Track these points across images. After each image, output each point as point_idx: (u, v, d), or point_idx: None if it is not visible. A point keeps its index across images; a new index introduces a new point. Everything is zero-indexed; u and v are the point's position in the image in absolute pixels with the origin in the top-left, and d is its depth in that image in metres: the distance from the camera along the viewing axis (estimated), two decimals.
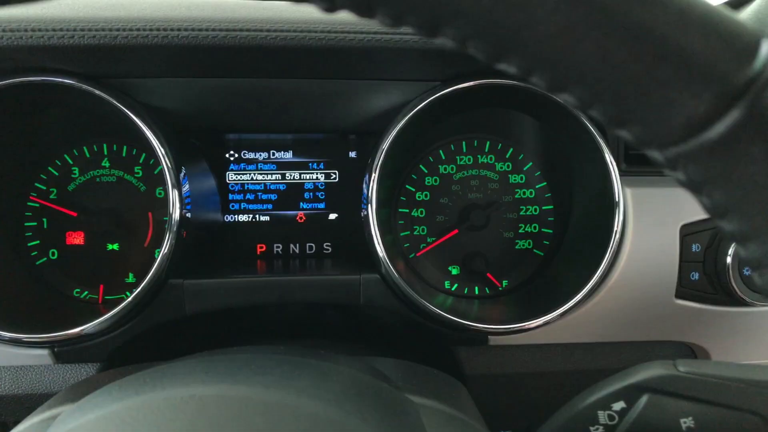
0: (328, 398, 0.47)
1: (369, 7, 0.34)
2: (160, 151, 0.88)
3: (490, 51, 0.33)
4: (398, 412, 0.53)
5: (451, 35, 0.33)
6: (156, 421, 0.40)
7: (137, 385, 0.50)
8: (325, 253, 1.13)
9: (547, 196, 1.10)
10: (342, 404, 0.47)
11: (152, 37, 0.77)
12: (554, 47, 0.31)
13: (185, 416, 0.41)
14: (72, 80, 0.84)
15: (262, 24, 0.78)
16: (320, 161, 1.12)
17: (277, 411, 0.43)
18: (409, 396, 0.59)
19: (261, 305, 0.95)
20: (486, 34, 0.32)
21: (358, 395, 0.51)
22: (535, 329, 0.91)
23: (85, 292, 1.06)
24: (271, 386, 0.46)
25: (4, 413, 0.91)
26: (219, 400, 0.43)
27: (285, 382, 0.48)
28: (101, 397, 0.51)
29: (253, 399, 0.43)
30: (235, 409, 0.42)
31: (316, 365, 0.54)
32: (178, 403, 0.42)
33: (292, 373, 0.51)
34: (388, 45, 0.79)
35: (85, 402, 0.54)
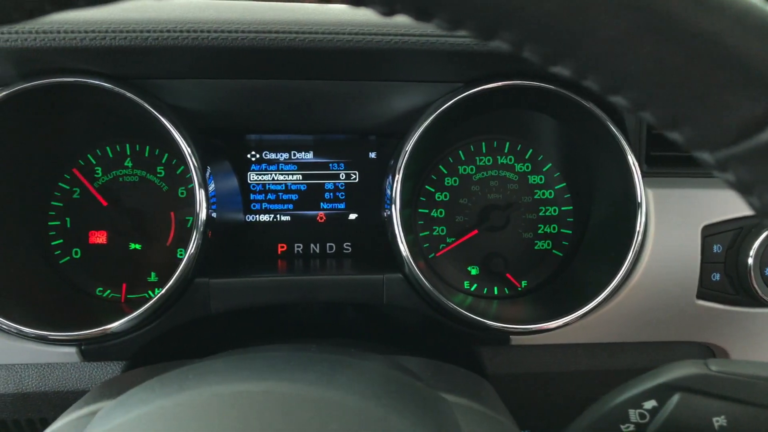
0: (369, 395, 0.48)
1: (427, 11, 0.34)
2: (187, 151, 0.89)
3: (547, 54, 0.34)
4: (435, 410, 0.54)
5: (508, 39, 0.34)
6: (207, 416, 0.41)
7: (180, 381, 0.51)
8: (345, 253, 1.13)
9: (566, 197, 1.11)
10: (383, 401, 0.48)
11: (182, 39, 0.77)
12: (612, 51, 0.32)
13: (236, 412, 0.41)
14: (101, 81, 0.85)
15: (290, 26, 0.79)
16: (341, 162, 1.12)
17: (323, 407, 0.44)
18: (442, 394, 0.60)
19: (280, 305, 0.96)
20: (544, 38, 0.33)
21: (396, 393, 0.52)
22: (556, 329, 0.92)
23: (107, 291, 1.07)
24: (314, 383, 0.47)
25: (30, 410, 0.93)
26: (267, 396, 0.43)
27: (326, 379, 0.49)
28: (144, 393, 0.52)
29: (299, 395, 0.44)
30: (283, 404, 0.43)
31: (354, 363, 0.55)
32: (227, 398, 0.43)
33: (332, 371, 0.52)
34: (414, 46, 0.80)
35: (126, 398, 0.55)
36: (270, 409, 0.42)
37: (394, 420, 0.46)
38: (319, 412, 0.43)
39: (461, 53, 0.82)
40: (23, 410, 0.92)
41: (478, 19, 0.33)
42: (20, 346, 0.88)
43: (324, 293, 0.93)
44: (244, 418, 0.41)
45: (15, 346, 0.88)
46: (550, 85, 0.89)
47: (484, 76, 0.92)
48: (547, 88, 0.89)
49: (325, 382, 0.48)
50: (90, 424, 0.55)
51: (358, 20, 0.81)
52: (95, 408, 0.60)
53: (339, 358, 0.56)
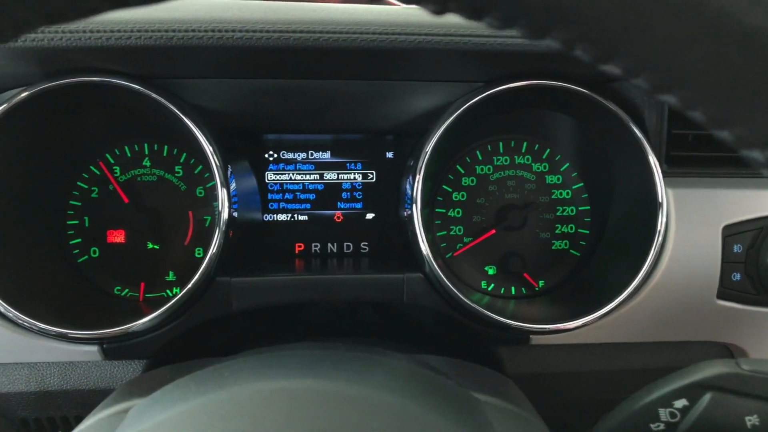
0: (407, 393, 0.48)
1: (480, 10, 0.34)
2: (209, 150, 0.89)
3: (600, 53, 0.34)
4: (469, 409, 0.54)
5: (560, 38, 0.34)
6: (252, 412, 0.41)
7: (216, 379, 0.51)
8: (362, 252, 1.14)
9: (583, 196, 1.11)
10: (421, 400, 0.48)
11: (207, 39, 0.78)
12: (667, 51, 0.32)
13: (280, 408, 0.42)
14: (125, 81, 0.85)
15: (315, 25, 0.79)
16: (358, 161, 1.13)
17: (364, 405, 0.44)
18: (473, 393, 0.60)
19: (296, 304, 0.96)
20: (598, 37, 0.33)
21: (432, 391, 0.52)
22: (576, 329, 0.92)
23: (125, 290, 1.07)
24: (353, 381, 0.47)
25: (52, 409, 0.93)
26: (309, 394, 0.44)
27: (363, 377, 0.49)
28: (179, 391, 0.52)
29: (340, 393, 0.44)
30: (325, 402, 0.43)
31: (387, 362, 0.55)
32: (269, 395, 0.43)
33: (368, 369, 0.52)
34: (438, 46, 0.80)
35: (161, 396, 0.55)
36: (313, 406, 0.42)
37: (433, 419, 0.46)
38: (361, 410, 0.43)
39: (484, 52, 0.82)
40: (45, 408, 0.92)
41: (532, 18, 0.33)
42: (42, 345, 0.88)
43: (345, 292, 0.93)
44: (289, 415, 0.41)
45: (37, 345, 0.88)
46: (572, 85, 0.89)
47: (504, 75, 0.92)
48: (570, 88, 0.89)
49: (363, 380, 0.49)
50: (123, 422, 0.56)
51: (382, 20, 0.81)
52: (126, 406, 0.61)
53: (372, 357, 0.56)
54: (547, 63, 0.88)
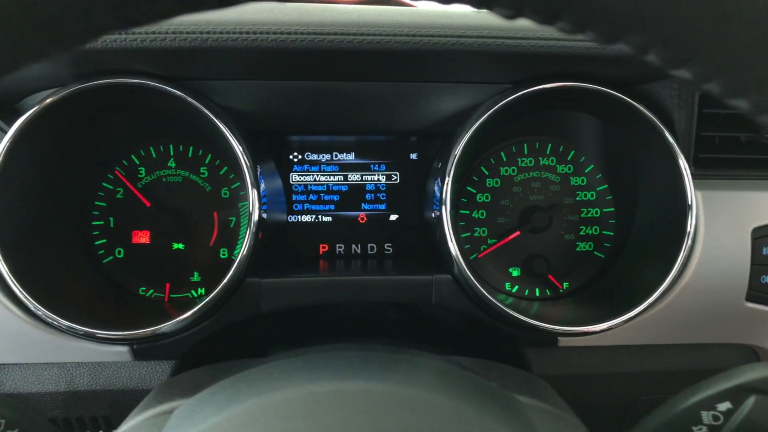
0: (457, 395, 0.48)
1: (554, 15, 0.34)
2: (238, 149, 0.89)
3: (674, 59, 0.34)
4: (514, 411, 0.54)
5: (633, 43, 0.34)
6: (309, 414, 0.42)
7: (266, 380, 0.51)
8: (386, 253, 1.14)
9: (608, 198, 1.11)
10: (472, 402, 0.48)
11: (242, 41, 0.78)
12: (742, 55, 0.32)
13: (338, 410, 0.42)
14: (157, 83, 0.85)
15: (348, 27, 0.79)
16: (382, 163, 1.13)
17: (419, 407, 0.44)
18: (515, 395, 0.60)
19: (321, 305, 0.97)
20: (673, 42, 0.33)
21: (479, 393, 0.52)
22: (606, 331, 0.92)
23: (150, 291, 1.08)
24: (404, 383, 0.47)
25: (81, 409, 0.93)
26: (365, 396, 0.44)
27: (413, 379, 0.49)
28: (228, 392, 0.52)
29: (394, 395, 0.44)
30: (382, 404, 0.43)
31: (433, 364, 0.55)
32: (325, 397, 0.43)
33: (415, 371, 0.52)
34: (472, 48, 0.80)
35: (207, 397, 0.55)
36: (370, 407, 0.42)
37: (486, 420, 0.46)
38: (418, 411, 0.43)
39: (516, 54, 0.82)
40: (74, 409, 0.92)
41: (606, 23, 0.34)
42: (72, 345, 0.88)
43: (374, 294, 0.93)
44: (348, 417, 0.41)
45: (67, 345, 0.88)
46: (602, 87, 0.89)
47: (532, 77, 0.92)
48: (600, 90, 0.89)
49: (413, 382, 0.49)
50: (168, 422, 0.56)
51: (415, 22, 0.81)
52: (168, 407, 0.61)
53: (416, 359, 0.56)
54: (576, 64, 0.88)
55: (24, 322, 0.86)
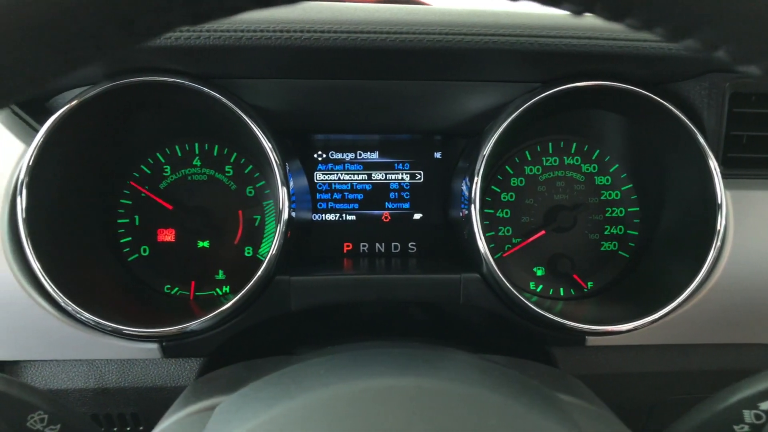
0: (508, 392, 0.48)
1: (624, 12, 0.34)
2: (268, 146, 0.89)
3: (746, 55, 0.34)
4: (560, 410, 0.54)
5: (704, 39, 0.34)
6: (366, 410, 0.42)
7: (313, 377, 0.51)
8: (409, 252, 1.14)
9: (632, 198, 1.10)
10: (521, 399, 0.48)
11: (276, 39, 0.78)
12: None
13: (395, 406, 0.42)
14: (188, 81, 0.86)
15: (381, 26, 0.79)
16: (405, 162, 1.13)
17: (475, 403, 0.44)
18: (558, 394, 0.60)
19: (345, 303, 0.97)
20: (748, 38, 0.33)
21: (527, 391, 0.52)
22: (634, 330, 0.91)
23: (175, 289, 1.08)
24: (456, 380, 0.47)
25: (110, 405, 0.94)
26: (420, 392, 0.44)
27: (463, 375, 0.49)
28: (274, 388, 0.53)
29: (449, 392, 0.44)
30: (439, 400, 0.43)
31: (476, 361, 0.55)
32: (381, 393, 0.43)
33: (464, 368, 0.52)
34: (504, 46, 0.80)
35: (252, 393, 0.55)
36: (426, 404, 0.42)
37: (538, 418, 0.46)
38: (473, 408, 0.43)
39: (547, 53, 0.82)
40: (103, 405, 0.93)
41: (677, 20, 0.33)
42: (102, 342, 0.89)
43: (402, 292, 0.93)
44: (407, 413, 0.41)
45: (97, 342, 0.89)
46: (632, 86, 0.89)
47: (560, 76, 0.92)
48: (630, 89, 0.89)
49: (463, 379, 0.49)
50: (212, 418, 0.56)
51: (446, 20, 0.81)
52: (209, 403, 0.61)
53: (461, 357, 0.56)
54: (606, 63, 0.88)
55: (56, 319, 0.86)
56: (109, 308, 0.91)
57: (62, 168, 0.92)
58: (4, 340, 0.88)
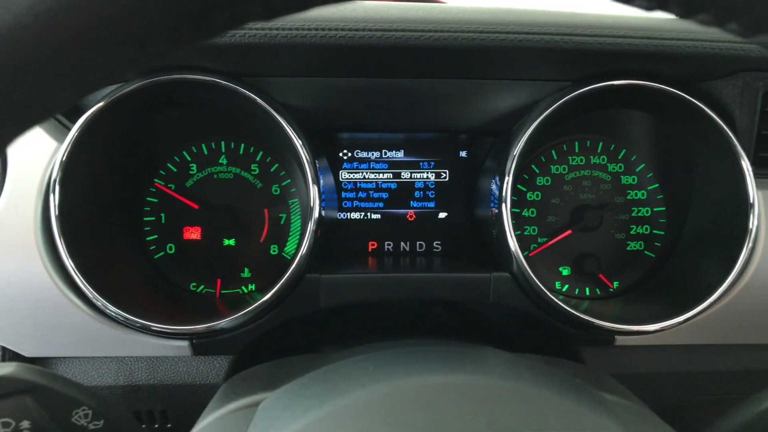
0: (561, 390, 0.48)
1: (697, 8, 0.34)
2: (298, 143, 0.89)
3: None
4: (605, 407, 0.54)
5: None
6: (428, 406, 0.42)
7: (363, 373, 0.51)
8: (434, 251, 1.14)
9: (658, 197, 1.10)
10: (572, 397, 0.48)
11: (311, 37, 0.78)
12: None
13: (456, 403, 0.42)
14: (221, 80, 0.86)
15: (415, 24, 0.79)
16: (431, 160, 1.13)
17: (532, 401, 0.44)
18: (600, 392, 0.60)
19: (370, 302, 0.97)
20: None
21: (576, 389, 0.52)
22: (664, 330, 0.91)
23: (201, 287, 1.08)
24: (511, 378, 0.47)
25: (139, 403, 0.94)
26: (477, 389, 0.44)
27: (516, 374, 0.49)
28: (321, 385, 0.53)
29: (507, 389, 0.44)
30: (498, 397, 0.43)
31: (524, 361, 0.55)
32: (438, 390, 0.43)
33: (512, 366, 0.52)
34: (538, 44, 0.80)
35: (298, 389, 0.55)
36: (488, 401, 0.42)
37: (591, 416, 0.46)
38: (532, 405, 0.43)
39: (582, 51, 0.82)
40: (132, 402, 0.93)
41: (753, 15, 0.33)
42: (133, 339, 0.89)
43: (431, 291, 0.93)
44: (469, 409, 0.41)
45: (127, 339, 0.89)
46: (664, 86, 0.89)
47: (591, 75, 0.92)
48: (663, 89, 0.88)
49: (517, 377, 0.49)
50: (258, 414, 0.56)
51: (480, 19, 0.81)
52: (252, 400, 0.61)
53: (506, 356, 0.56)
54: (638, 62, 0.88)
55: (88, 316, 0.86)
56: (138, 305, 0.91)
57: (92, 166, 0.92)
58: (37, 337, 0.88)
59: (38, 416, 0.57)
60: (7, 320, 0.86)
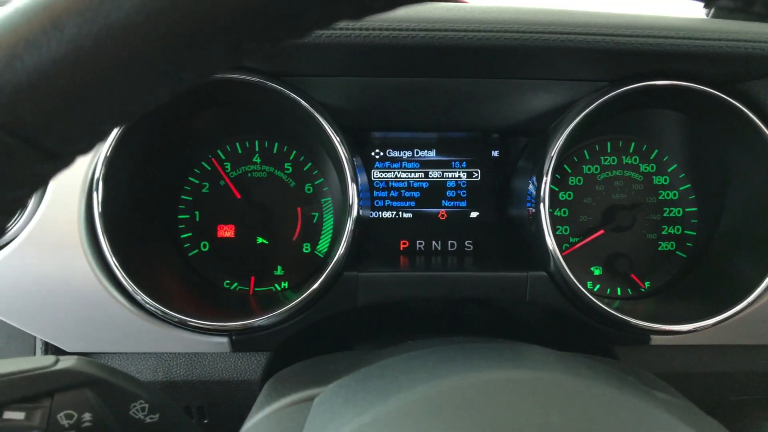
0: (626, 387, 0.48)
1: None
2: (337, 140, 0.90)
3: None
4: (662, 404, 0.54)
5: None
6: (500, 401, 0.42)
7: (423, 367, 0.52)
8: (466, 250, 1.14)
9: (690, 198, 1.10)
10: (636, 393, 0.49)
11: (354, 37, 0.79)
12: None
13: (529, 397, 0.42)
14: (264, 79, 0.87)
15: (458, 24, 0.80)
16: (463, 160, 1.13)
17: (600, 398, 0.44)
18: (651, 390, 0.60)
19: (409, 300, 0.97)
20: None
21: (635, 387, 0.52)
22: (700, 330, 0.91)
23: (235, 284, 1.09)
24: (575, 374, 0.48)
25: (177, 399, 0.95)
26: (544, 384, 0.44)
27: (576, 370, 0.50)
28: (380, 381, 0.53)
29: (573, 385, 0.45)
30: (565, 393, 0.44)
31: (582, 359, 0.56)
32: (505, 385, 0.44)
33: (571, 364, 0.52)
34: (582, 44, 0.80)
35: (353, 384, 0.56)
36: (556, 396, 0.43)
37: (659, 414, 0.46)
38: (600, 402, 0.43)
39: (625, 51, 0.82)
40: (171, 398, 0.93)
41: None
42: (173, 335, 0.90)
43: (468, 290, 0.93)
44: (538, 403, 0.42)
45: (167, 335, 0.90)
46: (705, 87, 0.89)
47: (628, 75, 0.92)
48: (702, 90, 0.89)
49: (577, 374, 0.49)
50: (314, 410, 0.57)
51: (522, 18, 0.82)
52: (305, 395, 0.61)
53: (562, 354, 0.57)
54: (678, 62, 0.88)
55: (130, 312, 0.87)
56: (175, 301, 0.92)
57: (132, 164, 0.93)
58: (80, 332, 0.89)
59: (98, 409, 0.58)
60: (51, 316, 0.88)
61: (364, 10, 0.36)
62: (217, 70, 0.35)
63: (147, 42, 0.31)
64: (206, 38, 0.32)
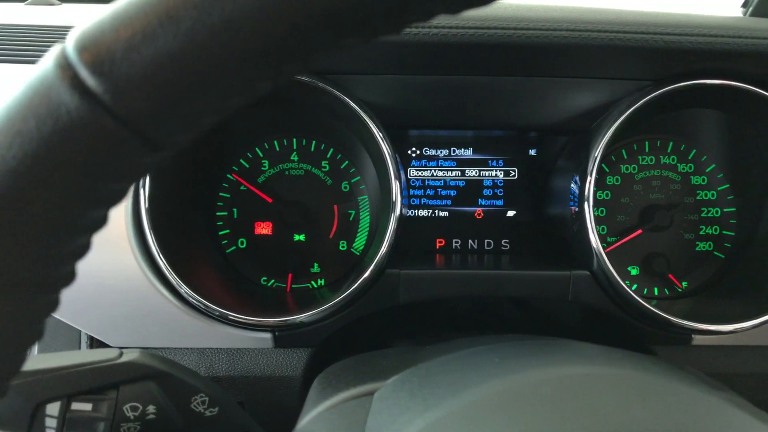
0: (697, 383, 0.48)
1: None
2: (379, 136, 0.90)
3: None
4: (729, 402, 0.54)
5: None
6: (578, 396, 0.42)
7: (488, 363, 0.52)
8: (503, 249, 1.14)
9: (729, 198, 1.10)
10: (706, 389, 0.49)
11: (403, 35, 0.79)
12: None
13: (601, 392, 0.42)
14: (314, 79, 0.87)
15: (507, 22, 0.80)
16: (500, 158, 1.13)
17: (675, 394, 0.44)
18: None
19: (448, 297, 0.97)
20: None
21: (702, 383, 0.52)
22: (744, 330, 0.91)
23: (272, 281, 1.10)
24: (645, 370, 0.48)
25: None
26: (621, 380, 0.44)
27: (645, 366, 0.50)
28: (444, 376, 0.53)
29: (646, 380, 0.45)
30: (638, 389, 0.44)
31: (634, 355, 0.56)
32: (583, 380, 0.44)
33: (637, 361, 0.52)
34: (630, 43, 0.80)
35: (414, 378, 0.56)
36: (635, 392, 0.43)
37: (731, 410, 0.46)
38: (679, 398, 0.43)
39: (672, 50, 0.82)
40: None
41: None
42: (217, 331, 0.90)
43: (510, 288, 0.93)
44: (619, 399, 0.42)
45: (212, 330, 0.90)
46: (754, 87, 0.88)
47: (672, 74, 0.92)
48: (750, 89, 0.88)
49: (646, 370, 0.49)
50: (375, 404, 0.57)
51: (569, 17, 0.82)
52: (363, 390, 0.62)
53: (624, 352, 0.57)
54: (723, 61, 0.88)
55: (175, 308, 0.88)
56: (217, 297, 0.93)
57: (176, 161, 0.94)
58: (125, 327, 0.90)
59: (162, 402, 0.58)
60: (97, 311, 0.88)
61: (462, 5, 0.36)
62: (313, 64, 0.36)
63: (258, 34, 0.32)
64: (312, 31, 0.33)
